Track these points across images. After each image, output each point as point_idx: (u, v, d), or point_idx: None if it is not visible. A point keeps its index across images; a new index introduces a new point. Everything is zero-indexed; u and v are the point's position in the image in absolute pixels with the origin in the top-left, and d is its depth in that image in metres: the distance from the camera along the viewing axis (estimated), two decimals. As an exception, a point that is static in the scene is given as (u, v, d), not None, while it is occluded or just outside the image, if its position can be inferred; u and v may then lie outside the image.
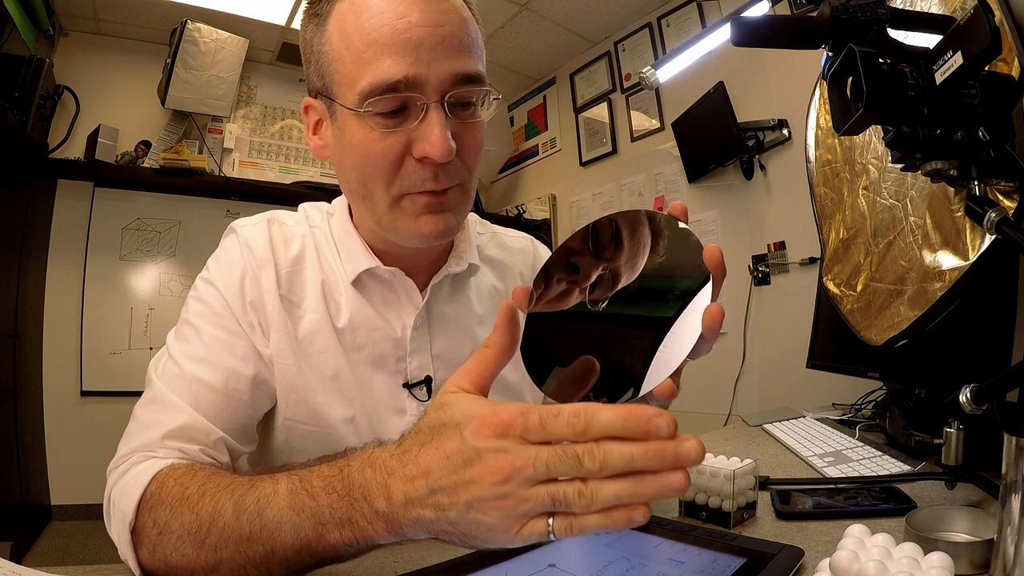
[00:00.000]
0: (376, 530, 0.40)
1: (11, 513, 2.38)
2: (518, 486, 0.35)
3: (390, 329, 0.70)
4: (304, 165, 3.55)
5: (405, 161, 0.59)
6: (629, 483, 0.34)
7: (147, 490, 0.53)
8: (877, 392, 1.36)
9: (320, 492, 0.43)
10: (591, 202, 3.28)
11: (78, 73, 2.93)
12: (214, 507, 0.48)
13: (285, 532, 0.43)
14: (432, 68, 0.56)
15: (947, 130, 0.62)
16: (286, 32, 3.11)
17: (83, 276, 2.96)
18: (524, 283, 0.86)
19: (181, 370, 0.62)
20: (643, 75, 1.47)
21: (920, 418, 0.96)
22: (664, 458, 0.33)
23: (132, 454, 0.59)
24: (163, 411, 0.60)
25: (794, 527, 0.67)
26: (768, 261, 2.37)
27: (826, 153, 1.13)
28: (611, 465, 0.34)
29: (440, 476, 0.37)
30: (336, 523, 0.42)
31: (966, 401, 0.62)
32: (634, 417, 0.34)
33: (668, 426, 0.34)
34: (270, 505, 0.44)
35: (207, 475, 0.53)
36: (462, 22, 0.58)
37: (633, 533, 0.61)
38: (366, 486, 0.41)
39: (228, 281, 0.66)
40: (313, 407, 0.67)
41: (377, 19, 0.55)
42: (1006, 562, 0.47)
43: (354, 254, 0.69)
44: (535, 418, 0.36)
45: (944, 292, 0.73)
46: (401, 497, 0.39)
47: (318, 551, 0.43)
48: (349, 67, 0.57)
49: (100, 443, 3.16)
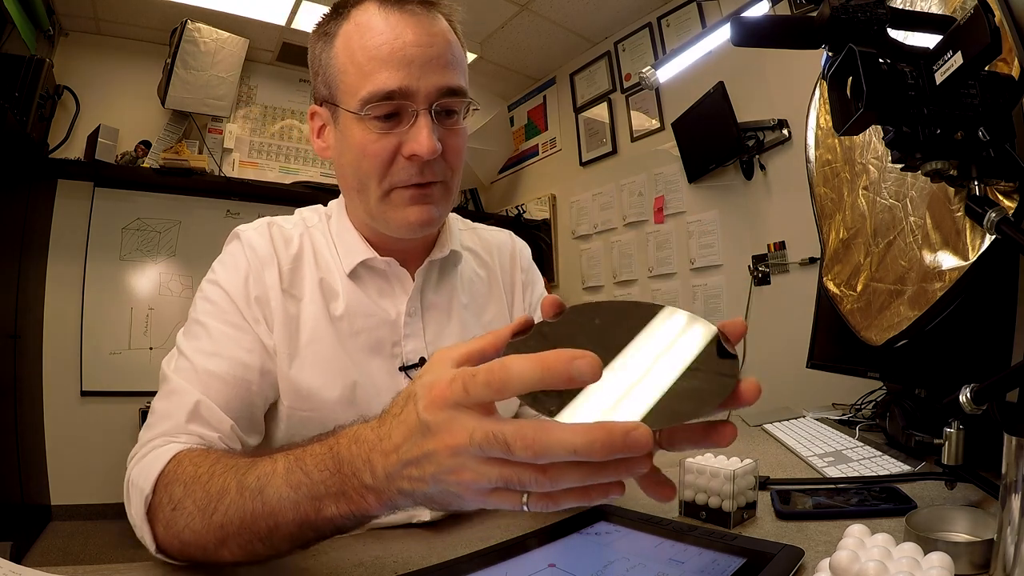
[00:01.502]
0: (369, 503, 0.42)
1: (11, 513, 2.38)
2: (470, 460, 0.35)
3: (385, 315, 0.76)
4: (304, 165, 3.56)
5: (396, 159, 0.68)
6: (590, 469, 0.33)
7: (165, 468, 0.56)
8: (877, 392, 1.36)
9: (313, 469, 0.44)
10: (591, 202, 3.28)
11: (78, 73, 2.93)
12: (221, 485, 0.50)
13: (285, 509, 0.45)
14: (422, 81, 0.65)
15: (947, 130, 0.62)
16: (286, 32, 3.11)
17: (83, 276, 2.96)
18: (503, 273, 0.89)
19: (193, 364, 0.67)
20: (643, 75, 1.46)
21: (920, 418, 0.96)
22: (612, 447, 0.31)
23: (154, 439, 0.62)
24: (180, 398, 0.64)
25: (794, 527, 0.67)
26: (768, 261, 2.37)
27: (826, 153, 1.13)
28: (550, 456, 0.32)
29: (407, 450, 0.38)
30: (332, 498, 0.43)
31: (966, 401, 0.62)
32: (550, 362, 0.32)
33: (590, 366, 0.32)
34: (269, 483, 0.46)
35: (219, 456, 0.56)
36: (448, 44, 0.69)
37: (633, 533, 0.61)
38: (353, 462, 0.42)
39: (233, 280, 0.72)
40: (311, 392, 0.71)
41: (377, 38, 0.65)
42: (1006, 562, 0.47)
43: (351, 248, 0.76)
44: (459, 384, 0.35)
45: (944, 292, 0.73)
46: (382, 472, 0.40)
47: (318, 525, 0.45)
48: (352, 77, 0.67)
49: (100, 443, 3.18)
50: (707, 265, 2.66)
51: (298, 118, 3.56)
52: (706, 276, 2.67)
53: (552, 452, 0.32)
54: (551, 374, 0.32)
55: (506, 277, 0.89)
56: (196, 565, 0.55)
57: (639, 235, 3.00)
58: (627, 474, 0.34)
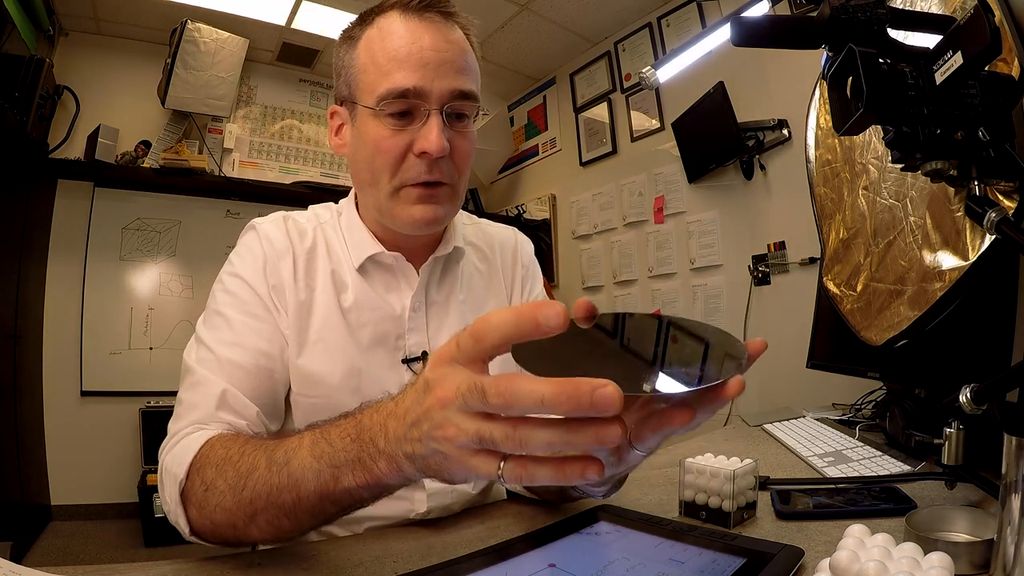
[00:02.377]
0: (380, 468, 0.43)
1: (11, 513, 2.38)
2: (454, 414, 0.37)
3: (390, 310, 0.78)
4: (304, 165, 3.56)
5: (407, 157, 0.71)
6: (560, 430, 0.34)
7: (199, 454, 0.59)
8: (877, 392, 1.36)
9: (336, 439, 0.46)
10: (591, 202, 3.28)
11: (78, 73, 2.93)
12: (251, 463, 0.53)
13: (308, 479, 0.47)
14: (435, 83, 0.69)
15: (947, 130, 0.62)
16: (286, 32, 3.11)
17: (83, 276, 2.96)
18: (504, 268, 0.90)
19: (215, 355, 0.69)
20: (643, 75, 1.47)
21: (920, 418, 0.96)
22: (579, 401, 0.32)
23: (185, 428, 0.64)
24: (207, 388, 0.67)
25: (794, 527, 0.67)
26: (768, 261, 2.37)
27: (826, 153, 1.13)
28: (520, 403, 0.33)
29: (413, 410, 0.40)
30: (349, 465, 0.45)
31: (966, 401, 0.62)
32: (523, 315, 0.34)
33: (557, 315, 0.34)
34: (295, 456, 0.49)
35: (248, 438, 0.59)
36: (462, 51, 0.73)
37: (633, 533, 0.61)
38: (372, 428, 0.44)
39: (251, 271, 0.75)
40: (320, 379, 0.74)
41: (398, 41, 0.70)
42: (1006, 562, 0.47)
43: (361, 243, 0.79)
44: (453, 341, 0.38)
45: (944, 292, 0.73)
46: (393, 434, 0.42)
47: (336, 496, 0.47)
48: (371, 76, 0.71)
49: (100, 443, 3.18)
50: (707, 265, 2.66)
51: (298, 118, 3.56)
52: (706, 276, 2.67)
53: (521, 399, 0.33)
54: (523, 318, 0.34)
55: (507, 272, 0.91)
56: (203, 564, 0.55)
57: (639, 235, 3.00)
58: (597, 441, 0.34)
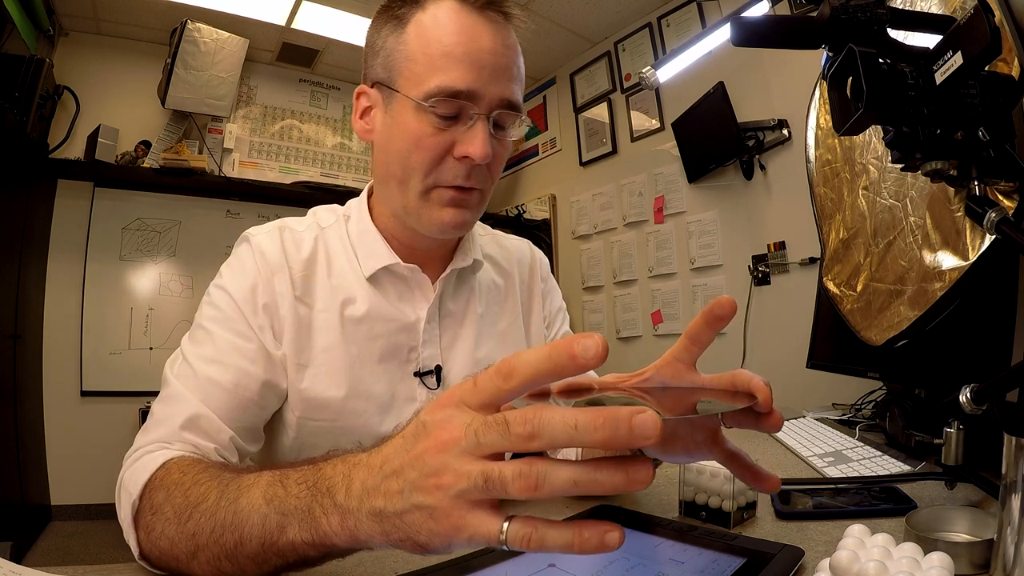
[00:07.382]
0: (330, 525, 0.38)
1: (11, 513, 2.38)
2: (454, 458, 0.33)
3: (405, 320, 0.75)
4: (304, 165, 3.56)
5: (446, 159, 0.67)
6: (587, 468, 0.30)
7: (154, 475, 0.55)
8: (877, 392, 1.36)
9: (292, 484, 0.42)
10: (591, 202, 3.28)
11: (78, 73, 2.93)
12: (202, 493, 0.48)
13: (253, 522, 0.42)
14: (488, 87, 0.66)
15: (947, 130, 0.62)
16: (286, 32, 3.11)
17: (83, 276, 2.97)
18: (522, 283, 0.88)
19: (194, 371, 0.66)
20: (643, 75, 1.47)
21: (920, 418, 0.96)
22: (617, 427, 0.29)
23: (148, 444, 0.61)
24: (178, 405, 0.64)
25: (794, 527, 0.67)
26: (768, 261, 2.37)
27: (826, 153, 1.13)
28: (549, 430, 0.30)
29: (394, 458, 0.36)
30: (297, 515, 0.40)
31: (966, 401, 0.62)
32: (557, 348, 0.31)
33: (596, 344, 0.30)
34: (246, 494, 0.44)
35: (207, 466, 0.54)
36: (517, 57, 0.70)
37: (633, 533, 0.61)
38: (332, 478, 0.40)
39: (240, 287, 0.70)
40: (326, 402, 0.71)
41: (455, 36, 0.65)
42: (1006, 562, 0.47)
43: (374, 251, 0.75)
44: (470, 381, 0.34)
45: (944, 292, 0.73)
46: (359, 487, 0.37)
47: (280, 547, 0.41)
48: (421, 67, 0.66)
49: (100, 443, 3.18)
50: (707, 265, 2.66)
51: (298, 118, 3.56)
52: (706, 276, 2.67)
53: (551, 426, 0.30)
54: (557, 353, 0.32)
55: (524, 286, 0.89)
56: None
57: (639, 235, 3.00)
58: (625, 481, 0.31)
